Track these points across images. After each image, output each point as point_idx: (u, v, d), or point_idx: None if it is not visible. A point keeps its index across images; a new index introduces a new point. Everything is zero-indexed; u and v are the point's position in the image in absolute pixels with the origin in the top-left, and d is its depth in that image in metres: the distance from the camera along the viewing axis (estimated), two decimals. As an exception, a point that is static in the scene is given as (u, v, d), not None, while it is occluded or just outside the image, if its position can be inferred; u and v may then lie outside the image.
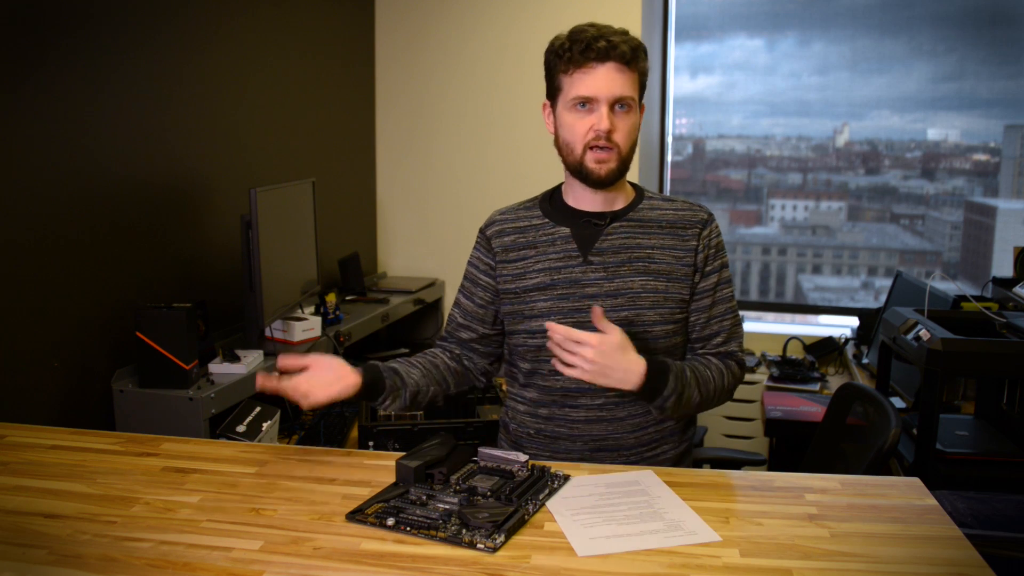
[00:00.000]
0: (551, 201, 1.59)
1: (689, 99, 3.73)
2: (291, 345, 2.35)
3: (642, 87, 1.48)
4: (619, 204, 1.54)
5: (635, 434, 1.51)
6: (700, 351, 1.57)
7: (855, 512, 1.22)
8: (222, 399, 1.99)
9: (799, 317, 3.79)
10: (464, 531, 1.14)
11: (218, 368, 2.07)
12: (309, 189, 2.53)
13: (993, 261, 3.40)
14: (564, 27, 1.47)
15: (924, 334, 2.04)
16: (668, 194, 1.61)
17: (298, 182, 2.46)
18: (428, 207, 3.56)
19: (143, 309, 1.95)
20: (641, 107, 1.50)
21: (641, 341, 1.46)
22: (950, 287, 2.75)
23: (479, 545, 1.10)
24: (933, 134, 3.55)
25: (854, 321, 3.40)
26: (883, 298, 3.18)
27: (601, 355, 1.35)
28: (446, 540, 1.12)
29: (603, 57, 1.40)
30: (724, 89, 3.69)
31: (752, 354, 3.47)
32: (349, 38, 3.35)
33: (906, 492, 1.30)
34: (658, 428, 1.53)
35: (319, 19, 3.08)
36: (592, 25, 1.44)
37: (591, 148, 1.44)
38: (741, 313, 3.64)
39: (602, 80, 1.41)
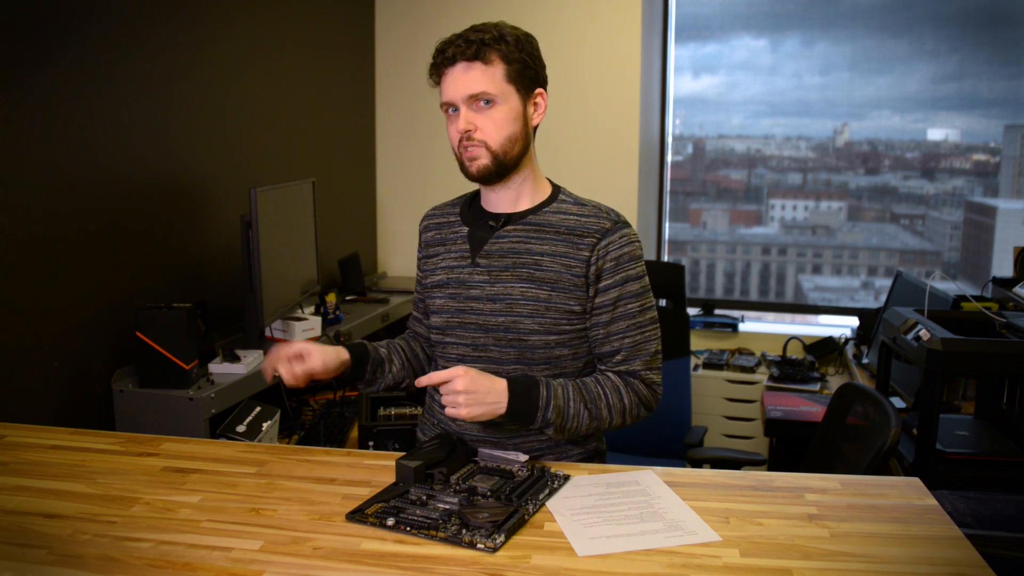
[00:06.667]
0: (471, 201, 1.60)
1: (689, 99, 3.73)
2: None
3: (515, 75, 1.41)
4: (524, 205, 1.50)
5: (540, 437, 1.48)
6: (602, 368, 1.51)
7: (855, 512, 1.22)
8: (222, 399, 1.99)
9: (799, 317, 3.79)
10: (464, 531, 1.14)
11: (218, 368, 2.08)
12: (309, 189, 2.53)
13: (993, 261, 3.39)
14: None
15: (924, 334, 2.04)
16: (584, 199, 1.52)
17: (298, 182, 2.46)
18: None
19: (143, 309, 1.95)
20: (537, 93, 1.45)
21: (517, 349, 1.45)
22: (950, 287, 2.75)
23: (479, 545, 1.10)
24: (933, 134, 3.55)
25: (854, 321, 3.40)
26: (883, 298, 3.18)
27: (471, 382, 1.33)
28: (446, 540, 1.12)
29: (451, 61, 1.41)
30: (725, 89, 3.69)
31: (752, 354, 3.47)
32: (349, 38, 3.35)
33: (906, 492, 1.30)
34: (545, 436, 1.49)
35: (319, 19, 3.08)
36: (459, 32, 1.42)
37: (464, 149, 1.44)
38: (741, 313, 3.68)
39: (451, 83, 1.42)
